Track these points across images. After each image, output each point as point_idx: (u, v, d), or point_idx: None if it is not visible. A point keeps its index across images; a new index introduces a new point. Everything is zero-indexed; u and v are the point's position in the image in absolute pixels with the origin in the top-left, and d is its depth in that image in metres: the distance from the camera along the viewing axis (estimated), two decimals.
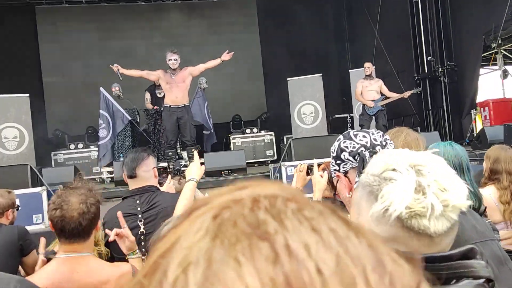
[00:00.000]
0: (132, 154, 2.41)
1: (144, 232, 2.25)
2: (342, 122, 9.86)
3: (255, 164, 8.96)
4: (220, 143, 9.35)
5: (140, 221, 2.27)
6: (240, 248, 0.27)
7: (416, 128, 9.24)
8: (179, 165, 6.66)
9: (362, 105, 7.69)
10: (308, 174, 2.84)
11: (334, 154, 1.41)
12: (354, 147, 1.36)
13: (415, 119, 9.40)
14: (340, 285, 0.25)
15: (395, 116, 9.41)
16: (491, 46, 7.78)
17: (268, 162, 8.75)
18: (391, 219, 0.76)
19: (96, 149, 8.44)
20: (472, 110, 8.33)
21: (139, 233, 2.25)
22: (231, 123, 10.09)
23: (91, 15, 10.87)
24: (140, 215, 2.28)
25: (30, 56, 10.32)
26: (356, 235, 0.29)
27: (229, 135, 9.53)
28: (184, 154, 7.50)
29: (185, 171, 3.87)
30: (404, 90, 7.73)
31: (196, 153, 2.42)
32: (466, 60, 8.29)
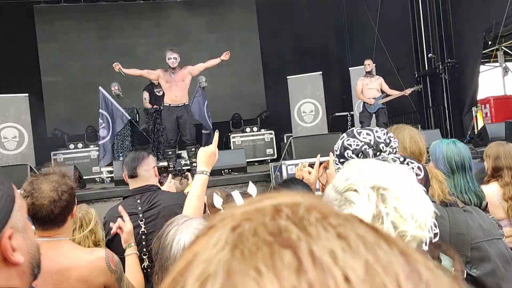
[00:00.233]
0: (132, 153, 2.39)
1: (145, 231, 2.23)
2: (342, 120, 9.84)
3: (255, 163, 8.94)
4: (220, 142, 9.29)
5: (141, 220, 2.25)
6: (261, 257, 0.25)
7: (417, 126, 9.19)
8: (180, 165, 6.64)
9: (363, 103, 7.67)
10: (309, 173, 2.82)
11: (338, 153, 1.39)
12: (357, 145, 1.34)
13: (416, 117, 9.38)
14: None
15: (396, 114, 9.39)
16: (491, 43, 7.76)
17: (269, 160, 8.74)
18: None
19: (95, 148, 8.42)
20: (473, 107, 8.30)
21: (140, 232, 2.23)
22: (231, 122, 10.07)
23: (89, 14, 10.84)
24: (141, 215, 2.27)
25: (29, 56, 10.30)
26: (387, 242, 0.27)
27: (229, 134, 9.51)
28: (184, 153, 7.48)
29: (186, 171, 3.82)
30: (405, 88, 7.71)
31: (216, 135, 2.00)
32: (467, 57, 8.27)
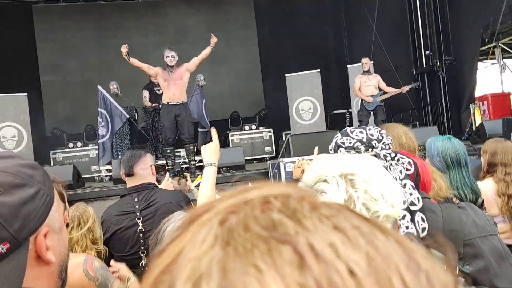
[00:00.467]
0: (129, 152, 2.39)
1: (143, 230, 2.24)
2: (340, 117, 9.85)
3: (254, 161, 8.95)
4: (219, 140, 9.29)
5: (139, 219, 2.26)
6: (259, 254, 0.24)
7: (415, 123, 9.24)
8: (179, 166, 6.64)
9: (361, 100, 7.68)
10: None
11: (332, 151, 1.44)
12: (350, 143, 1.38)
13: (414, 114, 9.39)
14: (377, 286, 0.23)
15: (394, 111, 9.40)
16: (489, 40, 7.77)
17: (267, 158, 8.75)
18: None
19: (94, 147, 8.43)
20: (470, 104, 8.32)
21: (138, 231, 2.24)
22: (229, 120, 10.07)
23: (88, 13, 10.83)
24: (138, 213, 2.28)
25: (28, 55, 10.29)
26: (382, 232, 0.26)
27: (227, 132, 9.51)
28: (182, 152, 7.48)
29: (184, 172, 3.82)
30: (403, 85, 7.72)
31: (214, 131, 2.12)
32: (465, 54, 8.28)
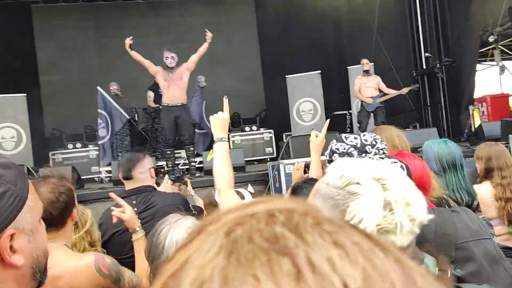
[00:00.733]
0: (127, 155, 2.40)
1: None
2: (341, 119, 9.86)
3: (255, 162, 8.95)
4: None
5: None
6: (258, 265, 0.25)
7: (414, 124, 9.25)
8: (180, 171, 6.65)
9: (361, 102, 7.69)
10: (305, 172, 2.85)
11: (328, 158, 1.48)
12: (344, 148, 1.43)
13: (414, 116, 9.40)
14: None
15: (394, 113, 9.40)
16: (488, 42, 7.78)
17: (268, 159, 8.75)
18: None
19: (94, 148, 8.43)
20: (470, 106, 8.33)
21: None
22: (230, 121, 10.06)
23: (87, 14, 10.84)
24: (137, 216, 2.28)
25: (27, 56, 10.29)
26: (381, 249, 0.27)
27: (228, 133, 9.50)
28: (182, 153, 7.50)
29: (185, 177, 3.80)
30: (403, 87, 7.74)
31: (226, 102, 1.99)
32: (464, 56, 8.28)
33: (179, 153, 7.59)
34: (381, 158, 1.36)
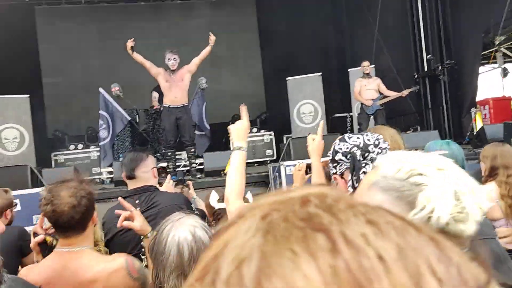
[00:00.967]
0: (130, 154, 2.41)
1: None
2: (341, 121, 9.86)
3: (255, 164, 8.95)
4: (219, 143, 9.35)
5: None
6: (294, 240, 0.26)
7: (416, 127, 9.25)
8: (182, 174, 6.66)
9: (361, 104, 7.70)
10: (307, 173, 2.85)
11: (330, 157, 1.47)
12: (347, 148, 1.42)
13: (415, 118, 9.39)
14: (405, 272, 0.25)
15: (395, 115, 9.40)
16: (490, 44, 7.78)
17: (268, 161, 8.75)
18: (434, 226, 0.75)
19: (96, 149, 8.45)
20: (472, 109, 8.33)
21: None
22: (230, 122, 10.01)
23: (90, 16, 10.87)
24: None
25: (30, 57, 10.31)
26: (415, 228, 0.28)
27: (228, 134, 9.49)
28: (183, 154, 7.50)
29: (187, 180, 3.79)
30: (404, 89, 7.74)
31: (245, 109, 1.91)
32: (466, 58, 8.29)
33: (179, 154, 7.60)
34: None
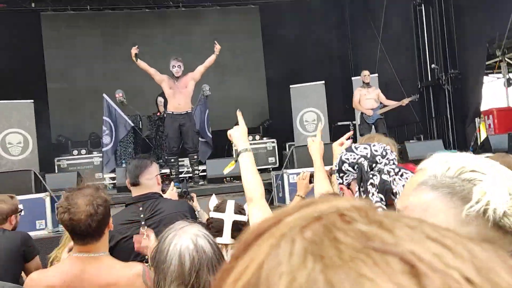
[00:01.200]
0: (135, 161, 2.41)
1: None
2: (345, 129, 9.83)
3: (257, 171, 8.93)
4: (222, 150, 9.35)
5: (144, 228, 2.26)
6: (362, 264, 0.23)
7: (419, 136, 9.23)
8: (186, 186, 6.66)
9: (361, 113, 7.72)
10: (311, 182, 2.84)
11: (337, 168, 1.46)
12: (354, 158, 1.41)
13: (419, 127, 9.38)
14: None
15: (399, 124, 9.40)
16: (495, 54, 7.78)
17: (270, 169, 8.74)
18: (490, 219, 0.76)
19: (98, 155, 8.47)
20: (476, 118, 8.31)
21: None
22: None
23: (95, 22, 10.95)
24: (143, 222, 2.28)
25: (35, 62, 10.39)
26: (473, 242, 0.26)
27: (231, 141, 9.49)
28: (186, 161, 7.50)
29: (191, 192, 3.79)
30: (407, 98, 7.73)
31: (239, 114, 2.02)
32: (470, 68, 8.28)
33: (182, 161, 7.60)
34: (391, 168, 1.36)
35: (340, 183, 1.46)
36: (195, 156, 6.76)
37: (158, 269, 1.37)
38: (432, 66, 8.95)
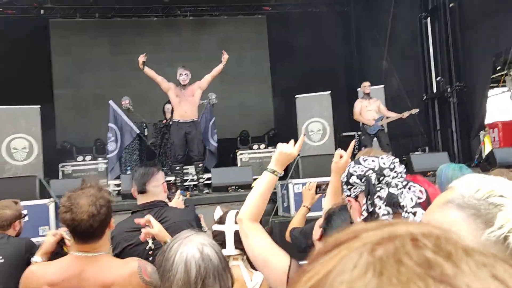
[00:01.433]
0: (142, 169, 2.41)
1: (152, 247, 2.24)
2: (350, 140, 9.80)
3: None
4: (227, 159, 9.35)
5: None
6: None
7: (424, 148, 9.20)
8: (193, 207, 6.64)
9: (362, 124, 7.73)
10: (317, 193, 2.83)
11: (345, 180, 1.46)
12: (362, 171, 1.40)
13: (423, 139, 9.35)
14: None
15: (403, 136, 9.37)
16: (501, 67, 7.77)
17: None
18: (510, 247, 0.76)
19: (103, 161, 8.49)
20: (481, 131, 8.28)
21: (147, 248, 2.23)
22: (238, 138, 10.10)
23: (103, 29, 11.05)
24: None
25: (42, 68, 10.47)
26: None
27: (236, 150, 9.52)
28: (191, 169, 7.51)
29: (198, 214, 3.78)
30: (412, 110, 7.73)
31: (303, 138, 1.90)
32: (476, 81, 8.28)
33: (187, 169, 7.61)
34: (399, 182, 1.35)
35: (347, 195, 1.46)
36: (200, 164, 6.76)
37: (164, 277, 1.37)
38: (438, 78, 8.96)
